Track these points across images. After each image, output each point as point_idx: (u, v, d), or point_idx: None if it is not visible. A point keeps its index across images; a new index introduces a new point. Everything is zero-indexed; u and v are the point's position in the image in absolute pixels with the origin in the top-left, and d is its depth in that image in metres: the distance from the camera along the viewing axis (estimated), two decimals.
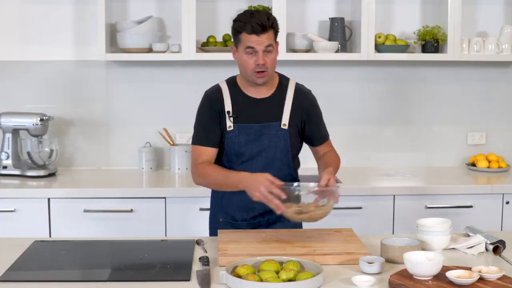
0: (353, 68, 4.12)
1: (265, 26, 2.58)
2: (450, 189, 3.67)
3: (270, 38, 2.61)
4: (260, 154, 2.70)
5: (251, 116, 2.70)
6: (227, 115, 2.69)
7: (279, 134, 2.70)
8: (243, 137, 2.69)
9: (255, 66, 2.61)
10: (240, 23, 2.62)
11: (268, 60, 2.62)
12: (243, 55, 2.64)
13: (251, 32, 2.58)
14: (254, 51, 2.60)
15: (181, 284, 2.15)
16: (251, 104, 2.71)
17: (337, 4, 4.07)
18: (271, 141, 2.70)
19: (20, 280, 2.19)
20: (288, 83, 2.78)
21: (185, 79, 4.07)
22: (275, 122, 2.70)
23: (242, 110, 2.70)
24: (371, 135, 4.18)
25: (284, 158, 2.73)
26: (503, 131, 4.25)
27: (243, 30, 2.60)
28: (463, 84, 4.19)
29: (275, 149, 2.70)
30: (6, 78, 4.04)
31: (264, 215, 2.76)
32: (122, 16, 4.01)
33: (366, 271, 2.20)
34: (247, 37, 2.60)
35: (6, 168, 3.87)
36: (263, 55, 2.60)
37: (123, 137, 4.11)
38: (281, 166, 2.73)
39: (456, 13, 3.89)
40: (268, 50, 2.61)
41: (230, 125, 2.69)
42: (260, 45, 2.59)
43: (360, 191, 3.59)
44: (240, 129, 2.68)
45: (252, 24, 2.57)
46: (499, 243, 2.46)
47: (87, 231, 3.50)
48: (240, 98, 2.72)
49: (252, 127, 2.69)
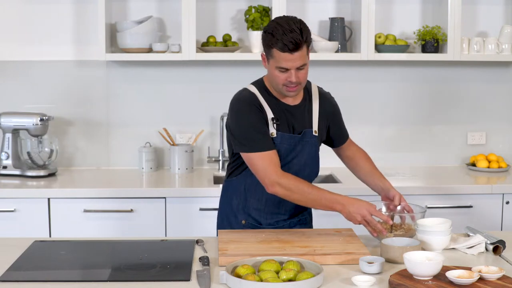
0: (353, 68, 4.12)
1: (299, 44, 2.46)
2: (450, 189, 3.67)
3: (303, 55, 2.49)
4: (292, 161, 2.65)
5: (290, 124, 2.64)
6: (270, 122, 2.60)
7: (312, 141, 2.67)
8: (284, 146, 2.62)
9: (287, 82, 2.53)
10: (272, 38, 2.48)
11: (301, 75, 2.53)
12: (274, 70, 2.53)
13: (285, 50, 2.46)
14: (286, 70, 2.51)
15: (181, 284, 2.15)
16: (288, 112, 2.64)
17: (337, 4, 4.08)
18: (304, 149, 2.66)
19: (20, 280, 2.19)
20: (311, 87, 2.74)
21: (185, 79, 4.07)
22: (308, 129, 2.67)
23: (281, 117, 2.62)
24: (371, 135, 4.18)
25: (313, 164, 2.70)
26: (503, 131, 4.26)
27: (274, 46, 2.48)
28: (463, 84, 4.19)
29: (307, 156, 2.67)
30: (6, 78, 4.04)
31: (287, 219, 2.74)
32: (122, 16, 4.01)
33: (366, 271, 2.20)
34: (279, 55, 2.48)
35: (6, 168, 3.87)
36: (295, 73, 2.51)
37: (123, 137, 4.11)
38: (309, 173, 2.70)
39: (456, 13, 3.89)
40: (301, 68, 2.52)
41: (273, 132, 2.60)
42: (293, 64, 2.49)
43: (360, 191, 3.58)
44: (283, 138, 2.61)
45: (285, 42, 2.45)
46: (499, 243, 2.46)
47: (87, 231, 3.50)
48: (276, 105, 2.63)
49: (294, 138, 2.63)
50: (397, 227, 2.58)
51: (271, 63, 2.53)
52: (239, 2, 4.03)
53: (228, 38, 3.96)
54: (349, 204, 2.49)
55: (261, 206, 2.71)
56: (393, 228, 2.57)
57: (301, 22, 2.51)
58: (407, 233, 2.55)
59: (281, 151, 2.62)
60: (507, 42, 3.98)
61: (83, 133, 4.10)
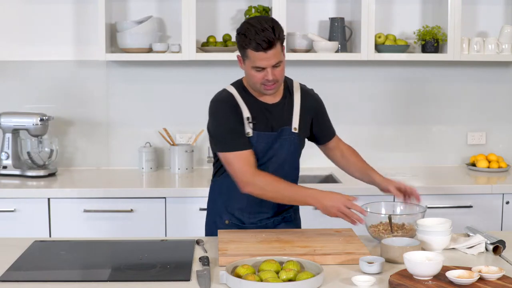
0: (353, 68, 4.12)
1: (272, 42, 2.48)
2: (450, 189, 3.67)
3: (277, 52, 2.51)
4: (271, 159, 2.67)
5: (267, 122, 2.65)
6: (246, 121, 2.62)
7: (291, 138, 2.68)
8: (261, 144, 2.64)
9: (264, 80, 2.55)
10: (245, 39, 2.50)
11: (277, 72, 2.54)
12: (250, 70, 2.55)
13: (258, 49, 2.48)
14: (262, 68, 2.52)
15: (181, 284, 2.15)
16: (265, 110, 2.66)
17: (337, 4, 4.07)
18: (282, 146, 2.67)
19: (20, 280, 2.19)
20: (293, 84, 2.75)
21: (185, 79, 4.07)
22: (287, 126, 2.67)
23: (258, 116, 2.64)
24: (371, 135, 4.18)
25: (293, 161, 2.71)
26: (503, 131, 4.26)
27: (248, 47, 2.50)
28: (463, 84, 4.19)
29: (286, 153, 2.68)
30: (6, 78, 4.04)
31: (270, 218, 2.76)
32: (122, 16, 4.01)
33: (366, 271, 2.20)
34: (253, 54, 2.50)
35: (6, 168, 3.87)
36: (272, 71, 2.52)
37: (123, 137, 4.11)
38: (290, 169, 2.71)
39: (456, 13, 3.89)
40: (277, 66, 2.53)
41: (249, 132, 2.62)
42: (268, 62, 2.50)
43: (360, 191, 3.59)
44: (259, 137, 2.63)
45: (258, 41, 2.46)
46: (499, 243, 2.46)
47: (87, 231, 3.50)
48: (254, 104, 2.65)
49: (270, 136, 2.64)
50: (397, 228, 2.58)
51: (247, 63, 2.55)
52: (239, 2, 4.03)
53: (228, 38, 3.96)
54: (323, 198, 2.51)
55: (243, 206, 2.72)
56: (393, 229, 2.57)
57: (273, 20, 2.53)
58: (407, 233, 2.56)
59: (258, 150, 2.64)
60: (507, 42, 3.98)
61: (83, 133, 4.10)
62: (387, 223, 2.58)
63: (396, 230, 2.56)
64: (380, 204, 2.71)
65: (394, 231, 2.55)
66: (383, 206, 2.71)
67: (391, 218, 2.59)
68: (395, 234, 2.53)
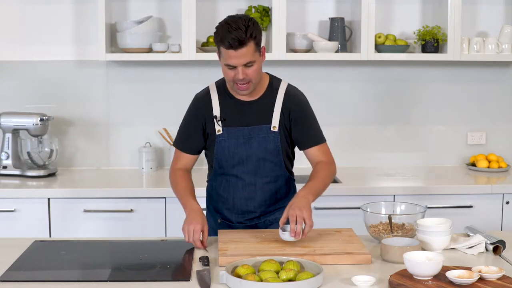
0: (353, 68, 4.12)
1: (243, 41, 2.47)
2: (450, 189, 3.67)
3: (249, 52, 2.49)
4: (250, 157, 2.68)
5: (240, 119, 2.67)
6: (215, 120, 2.67)
7: (269, 136, 2.67)
8: (233, 140, 2.67)
9: (236, 79, 2.55)
10: (217, 36, 2.52)
11: (250, 72, 2.53)
12: (224, 67, 2.57)
13: (228, 47, 2.48)
14: (234, 67, 2.52)
15: (181, 284, 2.15)
16: (240, 107, 2.67)
17: (337, 4, 4.07)
18: (260, 144, 2.67)
19: (20, 280, 2.19)
20: (280, 85, 2.71)
21: (185, 79, 4.07)
22: (264, 124, 2.67)
23: (231, 113, 2.67)
24: (371, 135, 4.18)
25: (275, 160, 2.70)
26: (503, 131, 4.26)
27: (220, 44, 2.51)
28: (463, 84, 4.19)
29: (265, 152, 2.68)
30: (6, 78, 4.04)
31: (261, 217, 2.76)
32: (122, 16, 4.01)
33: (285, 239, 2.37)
34: (225, 52, 2.51)
35: (6, 168, 3.87)
36: (243, 69, 2.52)
37: (123, 137, 4.11)
38: (273, 167, 2.71)
39: (456, 13, 3.89)
40: (249, 65, 2.52)
41: (219, 129, 2.67)
42: (239, 61, 2.50)
43: (360, 191, 3.59)
44: (229, 133, 2.66)
45: (228, 40, 2.47)
46: (499, 243, 2.46)
47: (87, 231, 3.50)
48: (229, 101, 2.68)
49: (241, 130, 2.66)
50: (397, 228, 2.58)
51: (221, 60, 2.57)
52: (239, 2, 4.03)
53: None
54: (188, 214, 2.57)
55: (230, 206, 2.76)
56: (393, 229, 2.57)
57: (250, 20, 2.52)
58: (407, 233, 2.56)
59: (231, 146, 2.67)
60: (507, 42, 3.98)
61: (83, 133, 4.10)
62: (387, 223, 2.58)
63: (396, 230, 2.56)
64: (380, 204, 2.71)
65: (394, 231, 2.55)
66: (383, 206, 2.71)
67: (391, 218, 2.59)
68: (395, 234, 2.53)
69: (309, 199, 2.49)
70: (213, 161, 2.73)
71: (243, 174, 2.70)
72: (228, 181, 2.73)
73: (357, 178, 3.83)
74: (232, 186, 2.73)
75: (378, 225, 2.59)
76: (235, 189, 2.73)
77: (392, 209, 2.72)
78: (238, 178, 2.71)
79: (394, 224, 2.58)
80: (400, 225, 2.59)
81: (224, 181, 2.74)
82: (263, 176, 2.70)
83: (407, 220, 2.60)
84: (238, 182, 2.72)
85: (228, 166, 2.70)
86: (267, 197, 2.74)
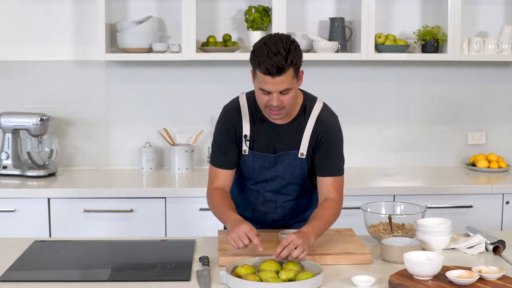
0: (353, 68, 4.12)
1: (282, 68, 2.32)
2: (450, 189, 3.67)
3: (287, 80, 2.35)
4: (275, 179, 2.61)
5: (268, 143, 2.55)
6: (243, 139, 2.56)
7: (296, 163, 2.57)
8: (257, 163, 2.58)
9: (269, 105, 2.41)
10: (255, 58, 2.36)
11: (285, 99, 2.39)
12: (258, 91, 2.41)
13: (266, 73, 2.33)
14: (269, 92, 2.38)
15: (181, 284, 2.15)
16: (269, 130, 2.55)
17: (337, 4, 4.07)
18: (286, 169, 2.58)
19: (20, 280, 2.19)
20: (313, 106, 2.56)
21: (185, 79, 4.07)
22: (292, 151, 2.55)
23: (260, 135, 2.55)
24: (371, 135, 4.18)
25: (300, 182, 2.62)
26: (503, 131, 4.25)
27: (257, 68, 2.35)
28: (463, 84, 4.19)
29: (291, 176, 2.60)
30: (6, 78, 4.04)
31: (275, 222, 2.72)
32: (122, 16, 4.01)
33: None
34: (261, 77, 2.35)
35: (6, 168, 3.87)
36: (278, 96, 2.37)
37: (123, 137, 4.11)
38: (296, 188, 2.64)
39: (456, 13, 3.89)
40: (285, 93, 2.38)
41: (245, 150, 2.57)
42: (275, 88, 2.35)
43: (360, 191, 3.59)
44: (255, 157, 2.57)
45: (266, 66, 2.31)
46: (499, 243, 2.46)
47: (87, 231, 3.50)
48: (259, 121, 2.55)
49: (267, 157, 2.57)
50: (397, 228, 2.58)
51: (255, 83, 2.42)
52: (239, 2, 4.02)
53: (228, 38, 3.96)
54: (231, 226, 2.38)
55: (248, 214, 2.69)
56: (393, 229, 2.57)
57: (292, 43, 2.37)
58: (407, 233, 2.56)
59: (256, 168, 2.60)
60: (507, 42, 3.98)
61: (83, 133, 4.10)
62: (387, 223, 2.58)
63: (396, 230, 2.56)
64: (380, 204, 2.71)
65: (394, 231, 2.55)
66: (383, 206, 2.72)
67: (391, 218, 2.59)
68: (395, 234, 2.53)
69: (310, 239, 2.32)
70: (237, 175, 2.66)
71: (265, 192, 2.65)
72: (248, 193, 2.68)
73: (357, 178, 3.83)
74: (253, 198, 2.68)
75: (378, 225, 2.59)
76: (255, 202, 2.68)
77: (392, 209, 2.73)
78: (260, 193, 2.66)
79: (394, 224, 2.58)
80: (400, 225, 2.59)
81: (244, 191, 2.69)
82: (285, 195, 2.65)
83: (407, 220, 2.60)
84: (259, 196, 2.67)
85: (250, 182, 2.65)
86: (288, 213, 2.70)
